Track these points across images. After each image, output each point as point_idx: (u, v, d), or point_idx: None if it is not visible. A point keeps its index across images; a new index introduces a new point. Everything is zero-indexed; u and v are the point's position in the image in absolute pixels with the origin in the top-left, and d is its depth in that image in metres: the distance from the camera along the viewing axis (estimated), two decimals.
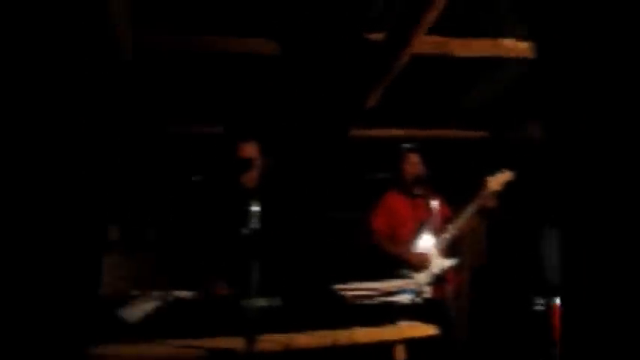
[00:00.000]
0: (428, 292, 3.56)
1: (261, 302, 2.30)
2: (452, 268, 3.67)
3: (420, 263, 3.58)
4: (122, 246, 4.81)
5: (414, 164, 3.78)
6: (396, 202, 3.83)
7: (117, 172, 4.51)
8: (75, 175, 3.30)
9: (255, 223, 2.24)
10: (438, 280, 3.56)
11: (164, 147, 4.65)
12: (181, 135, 4.59)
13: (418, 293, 3.50)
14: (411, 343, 2.49)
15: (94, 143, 3.94)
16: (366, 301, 2.48)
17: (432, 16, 2.84)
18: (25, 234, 2.70)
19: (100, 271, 3.87)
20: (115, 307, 2.25)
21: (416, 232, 3.71)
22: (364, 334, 2.35)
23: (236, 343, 2.10)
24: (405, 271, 3.58)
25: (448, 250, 3.74)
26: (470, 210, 3.68)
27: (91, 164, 3.57)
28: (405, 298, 2.57)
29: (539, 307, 3.98)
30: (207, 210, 3.03)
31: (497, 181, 3.72)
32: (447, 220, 3.76)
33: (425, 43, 3.25)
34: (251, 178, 3.03)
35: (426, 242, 3.66)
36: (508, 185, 3.74)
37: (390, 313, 2.50)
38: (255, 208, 2.24)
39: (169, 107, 4.19)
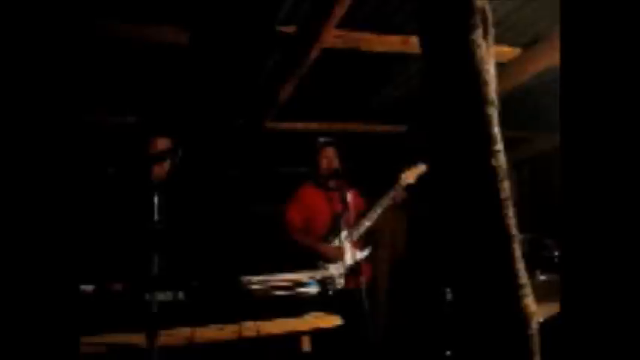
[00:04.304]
0: (342, 283, 3.61)
1: (164, 296, 2.27)
2: (365, 260, 3.73)
3: (333, 255, 3.61)
4: None
5: (329, 158, 3.81)
6: (310, 195, 3.85)
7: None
8: None
9: (158, 216, 2.20)
10: (352, 272, 3.59)
11: (82, 137, 4.45)
12: (97, 124, 4.42)
13: (331, 284, 3.55)
14: (320, 334, 2.51)
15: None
16: (274, 293, 2.48)
17: (340, 10, 2.85)
18: None
19: None
20: None
21: (330, 225, 3.74)
22: (269, 326, 2.35)
23: (137, 338, 2.06)
24: (320, 263, 3.61)
25: (362, 243, 3.80)
26: (383, 203, 3.75)
27: None
28: (312, 289, 2.58)
29: (450, 298, 4.09)
30: (114, 203, 2.95)
31: (411, 174, 3.80)
32: (361, 213, 3.82)
33: (335, 38, 3.27)
34: (161, 171, 3.01)
35: (340, 235, 3.69)
36: (422, 178, 3.83)
37: (298, 304, 2.50)
38: (158, 201, 2.20)
39: (85, 95, 4.01)
